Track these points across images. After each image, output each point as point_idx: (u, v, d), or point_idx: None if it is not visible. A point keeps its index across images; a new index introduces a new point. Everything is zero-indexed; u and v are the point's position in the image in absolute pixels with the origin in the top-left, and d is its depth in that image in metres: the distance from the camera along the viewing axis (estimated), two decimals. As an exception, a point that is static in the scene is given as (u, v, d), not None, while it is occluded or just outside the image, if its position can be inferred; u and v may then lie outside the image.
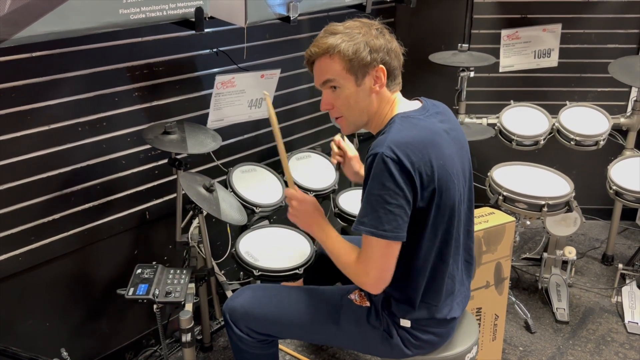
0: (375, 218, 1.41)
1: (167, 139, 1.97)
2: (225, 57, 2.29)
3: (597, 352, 2.46)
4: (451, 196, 1.47)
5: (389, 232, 1.40)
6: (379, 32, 1.49)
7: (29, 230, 1.91)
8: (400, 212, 1.40)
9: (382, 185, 1.39)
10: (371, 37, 1.46)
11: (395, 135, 1.42)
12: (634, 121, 2.85)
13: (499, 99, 3.16)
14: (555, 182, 2.53)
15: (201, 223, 2.10)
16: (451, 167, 1.47)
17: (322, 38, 1.49)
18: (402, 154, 1.38)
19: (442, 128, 1.51)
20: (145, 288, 1.82)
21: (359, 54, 1.45)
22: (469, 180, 1.60)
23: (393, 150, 1.38)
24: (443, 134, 1.49)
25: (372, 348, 1.68)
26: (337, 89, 1.51)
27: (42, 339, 2.06)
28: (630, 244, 3.28)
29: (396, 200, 1.39)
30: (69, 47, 1.85)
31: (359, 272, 1.51)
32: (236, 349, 1.80)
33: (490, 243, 2.17)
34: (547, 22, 3.09)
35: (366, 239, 1.46)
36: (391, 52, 1.49)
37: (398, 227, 1.41)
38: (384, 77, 1.49)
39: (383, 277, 1.48)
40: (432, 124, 1.49)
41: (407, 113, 1.51)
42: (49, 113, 1.87)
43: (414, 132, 1.44)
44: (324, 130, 2.93)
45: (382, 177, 1.39)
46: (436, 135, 1.47)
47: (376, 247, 1.44)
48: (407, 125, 1.46)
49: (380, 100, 1.52)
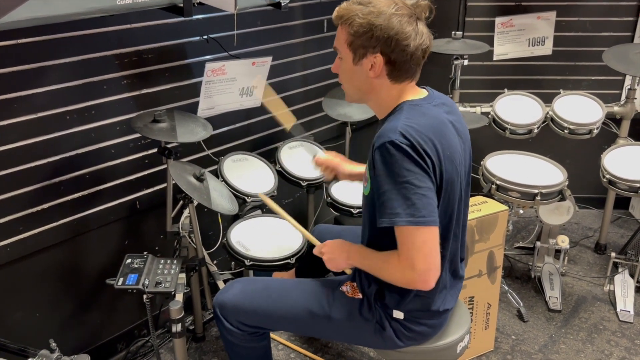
0: (409, 206, 1.32)
1: (157, 127, 1.94)
2: (215, 44, 2.26)
3: (590, 340, 2.47)
4: (454, 188, 1.45)
5: (427, 216, 1.33)
6: (406, 20, 1.38)
7: (17, 220, 1.89)
8: (431, 195, 1.35)
9: (407, 170, 1.33)
10: (383, 21, 1.38)
11: (405, 122, 1.38)
12: (627, 109, 2.85)
13: (493, 87, 3.14)
14: (549, 171, 2.52)
15: (192, 213, 2.08)
16: (456, 159, 1.45)
17: (346, 4, 1.44)
18: (414, 139, 1.34)
19: (449, 119, 1.48)
20: (134, 278, 1.80)
21: (360, 34, 1.40)
22: (467, 175, 1.57)
23: (405, 136, 1.34)
24: (449, 125, 1.47)
25: (364, 340, 1.67)
26: (341, 59, 1.50)
27: (32, 330, 2.04)
28: (623, 232, 3.28)
29: (424, 182, 1.34)
30: (56, 34, 1.82)
31: (404, 268, 1.37)
32: (227, 342, 1.79)
33: (483, 232, 2.16)
34: (541, 10, 3.06)
35: (404, 230, 1.36)
36: (399, 44, 1.39)
37: (434, 210, 1.35)
38: (379, 68, 1.43)
39: (431, 266, 1.37)
40: (440, 114, 1.46)
41: (416, 101, 1.47)
42: (36, 101, 1.84)
43: (422, 120, 1.41)
44: (316, 119, 2.90)
45: (403, 162, 1.33)
46: (443, 125, 1.44)
47: (417, 236, 1.35)
48: (416, 113, 1.42)
49: (379, 86, 1.48)
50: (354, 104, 2.55)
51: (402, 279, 1.42)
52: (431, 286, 1.39)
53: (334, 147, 2.84)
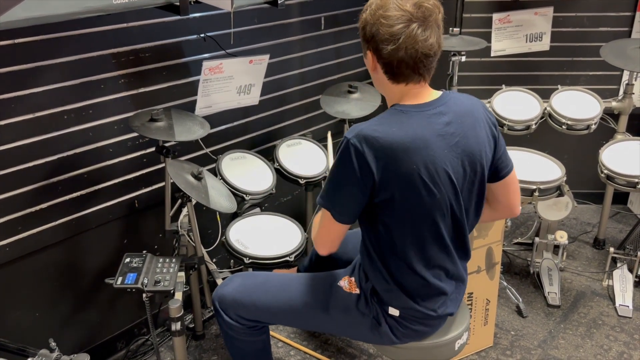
0: (331, 197, 1.49)
1: (154, 126, 1.94)
2: (212, 42, 2.26)
3: (589, 335, 2.48)
4: (421, 203, 1.41)
5: (337, 213, 1.48)
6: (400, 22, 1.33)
7: (16, 220, 1.89)
8: (353, 199, 1.44)
9: (343, 168, 1.41)
10: (373, 22, 1.36)
11: (372, 127, 1.38)
12: (625, 105, 2.84)
13: (491, 83, 3.14)
14: (547, 167, 2.52)
15: (190, 211, 2.08)
16: (427, 174, 1.38)
17: None
18: (364, 149, 1.35)
19: (437, 131, 1.40)
20: (133, 277, 1.81)
21: (360, 29, 1.43)
22: (469, 183, 1.48)
23: (359, 141, 1.36)
24: (433, 139, 1.38)
25: (361, 335, 1.68)
26: None
27: (31, 329, 2.04)
28: (622, 227, 3.29)
29: (352, 187, 1.42)
30: (53, 34, 1.82)
31: (313, 228, 1.67)
32: (227, 336, 1.80)
33: (482, 228, 2.16)
34: (538, 6, 3.06)
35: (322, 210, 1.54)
36: (381, 45, 1.36)
37: (346, 213, 1.48)
38: (373, 63, 1.43)
39: (324, 244, 1.59)
40: (424, 127, 1.39)
41: (406, 107, 1.42)
42: (34, 101, 1.84)
43: (391, 130, 1.36)
44: (314, 117, 2.90)
45: (342, 160, 1.40)
46: (420, 141, 1.36)
47: (325, 219, 1.52)
48: (391, 122, 1.39)
49: (381, 82, 1.46)
50: (351, 102, 2.54)
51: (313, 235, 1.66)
52: (323, 254, 1.61)
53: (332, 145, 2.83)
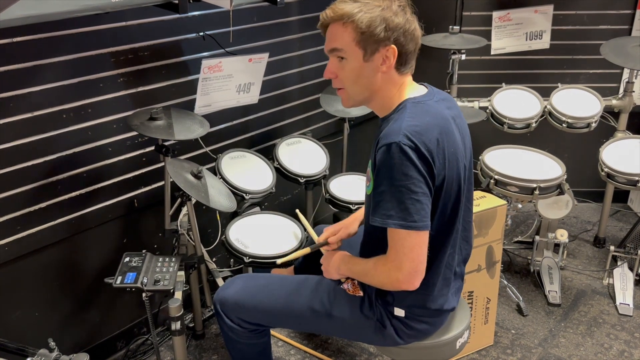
0: (402, 210, 1.35)
1: (154, 125, 1.93)
2: (211, 41, 2.25)
3: (589, 333, 2.47)
4: (458, 184, 1.45)
5: (419, 222, 1.36)
6: (400, 9, 1.41)
7: (15, 219, 1.89)
8: (426, 200, 1.37)
9: (404, 175, 1.34)
10: (390, 13, 1.38)
11: (410, 122, 1.37)
12: (625, 103, 2.84)
13: (491, 81, 3.13)
14: (547, 165, 2.52)
15: (190, 210, 2.08)
16: (459, 156, 1.45)
17: (340, 3, 1.41)
18: (419, 141, 1.34)
19: (450, 115, 1.47)
20: (133, 276, 1.80)
21: (373, 28, 1.38)
22: (469, 170, 1.54)
23: (410, 138, 1.34)
24: (451, 122, 1.46)
25: (365, 337, 1.67)
26: (343, 59, 1.44)
27: (31, 329, 2.04)
28: (622, 226, 3.28)
29: (420, 188, 1.35)
30: (51, 32, 1.81)
31: (390, 269, 1.42)
32: (228, 339, 1.79)
33: (482, 227, 2.16)
34: (538, 4, 3.05)
35: (395, 233, 1.39)
36: (407, 33, 1.41)
37: (426, 215, 1.37)
38: (393, 59, 1.42)
39: (417, 269, 1.41)
40: (442, 111, 1.45)
41: (418, 98, 1.46)
42: (32, 100, 1.83)
43: (427, 118, 1.40)
44: (314, 116, 2.90)
45: (403, 166, 1.33)
46: (447, 123, 1.43)
47: (407, 239, 1.38)
48: (420, 112, 1.41)
49: (386, 81, 1.46)
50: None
51: (388, 279, 1.45)
52: (416, 287, 1.43)
53: (332, 144, 2.83)
